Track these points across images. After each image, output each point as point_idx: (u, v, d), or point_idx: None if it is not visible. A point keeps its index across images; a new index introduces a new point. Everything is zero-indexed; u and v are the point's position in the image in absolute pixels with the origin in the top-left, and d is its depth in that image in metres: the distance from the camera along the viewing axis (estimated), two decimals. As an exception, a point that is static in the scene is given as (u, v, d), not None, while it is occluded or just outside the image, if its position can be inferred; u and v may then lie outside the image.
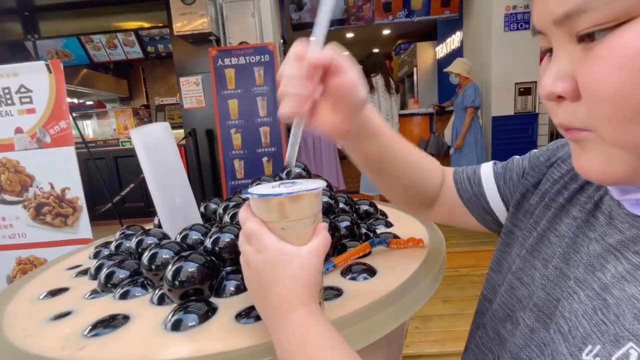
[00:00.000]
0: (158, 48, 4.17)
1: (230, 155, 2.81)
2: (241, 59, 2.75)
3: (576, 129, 0.24)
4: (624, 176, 0.23)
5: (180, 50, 3.05)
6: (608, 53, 0.20)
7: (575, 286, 0.27)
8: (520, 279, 0.34)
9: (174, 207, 0.67)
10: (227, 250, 0.48)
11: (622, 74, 0.20)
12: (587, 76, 0.22)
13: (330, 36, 0.31)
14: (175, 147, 0.71)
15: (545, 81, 0.25)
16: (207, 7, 2.73)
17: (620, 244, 0.25)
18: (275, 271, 0.30)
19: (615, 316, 0.22)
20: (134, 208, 3.36)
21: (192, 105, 3.10)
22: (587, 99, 0.22)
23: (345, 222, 0.59)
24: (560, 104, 0.25)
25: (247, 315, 0.39)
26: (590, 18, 0.20)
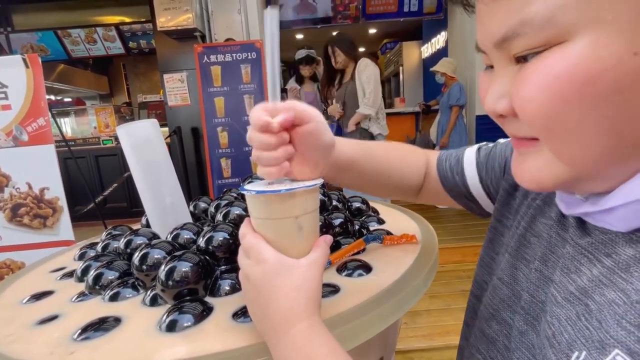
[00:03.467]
0: (140, 43, 4.05)
1: (216, 154, 2.77)
2: (227, 56, 2.71)
3: (525, 140, 0.25)
4: (560, 185, 0.25)
5: (164, 46, 2.98)
6: (533, 74, 0.22)
7: (554, 290, 0.26)
8: (501, 279, 0.34)
9: (164, 206, 0.66)
10: (221, 249, 0.48)
11: (546, 94, 0.21)
12: (516, 95, 0.23)
13: (316, 34, 0.32)
14: (164, 144, 0.69)
15: (488, 100, 0.26)
16: (192, 3, 2.67)
17: (591, 246, 0.25)
18: (276, 283, 0.30)
19: (598, 322, 0.21)
20: (117, 208, 3.26)
21: (177, 103, 3.03)
22: (521, 117, 0.24)
23: (339, 219, 0.59)
24: (505, 119, 0.26)
25: (243, 314, 0.38)
26: (523, 42, 0.22)
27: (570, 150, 0.23)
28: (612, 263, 0.23)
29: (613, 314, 0.21)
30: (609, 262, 0.23)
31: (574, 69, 0.20)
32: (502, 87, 0.25)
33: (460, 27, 3.47)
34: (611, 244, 0.24)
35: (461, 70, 3.25)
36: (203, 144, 2.83)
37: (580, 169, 0.23)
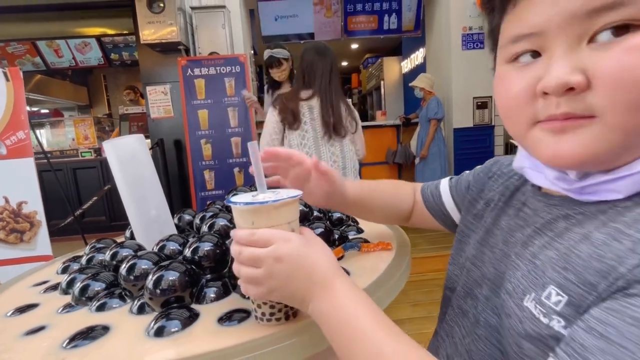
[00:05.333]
0: (122, 55, 4.02)
1: (200, 166, 2.76)
2: (211, 69, 2.74)
3: (578, 117, 0.27)
4: (602, 160, 0.28)
5: (147, 58, 2.98)
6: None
7: (515, 259, 0.35)
8: (474, 263, 0.43)
9: (149, 219, 0.67)
10: (207, 258, 0.50)
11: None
12: (617, 64, 0.25)
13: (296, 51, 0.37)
14: (150, 159, 0.72)
15: (558, 74, 0.27)
16: (176, 17, 2.70)
17: (542, 226, 0.34)
18: (311, 250, 0.35)
19: (542, 272, 0.30)
20: (95, 222, 3.17)
21: (160, 115, 3.02)
22: (609, 85, 0.25)
23: (319, 228, 0.63)
24: (563, 95, 0.27)
25: (229, 318, 0.41)
26: (621, 15, 0.24)
27: (635, 121, 0.25)
28: (552, 234, 0.32)
29: (550, 265, 0.30)
30: (550, 234, 0.33)
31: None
32: (572, 63, 0.26)
33: (437, 44, 3.65)
34: (550, 224, 0.33)
35: (438, 85, 3.41)
36: (186, 156, 2.82)
37: (630, 141, 0.27)
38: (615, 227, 0.27)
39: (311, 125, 1.62)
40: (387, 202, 0.60)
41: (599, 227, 0.28)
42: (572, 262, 0.28)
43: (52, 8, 3.31)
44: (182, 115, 2.76)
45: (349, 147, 1.67)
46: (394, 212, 0.61)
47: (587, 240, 0.28)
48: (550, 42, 0.27)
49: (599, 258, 0.26)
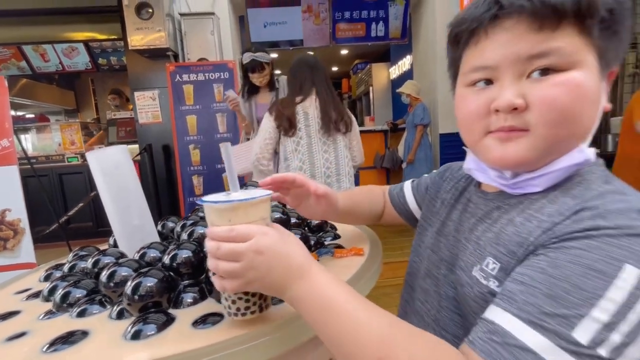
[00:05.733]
0: (110, 60, 4.01)
1: (188, 171, 2.77)
2: (200, 75, 2.76)
3: (517, 130, 0.37)
4: (531, 162, 0.38)
5: (136, 64, 2.99)
6: (564, 82, 0.34)
7: (465, 242, 0.45)
8: (433, 250, 0.52)
9: (132, 228, 0.69)
10: (185, 265, 0.53)
11: (568, 95, 0.34)
12: (545, 93, 0.35)
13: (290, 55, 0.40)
14: (133, 169, 0.74)
15: (507, 98, 0.36)
16: (165, 23, 2.71)
17: (483, 216, 0.44)
18: (287, 241, 0.37)
19: (483, 249, 0.40)
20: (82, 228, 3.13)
21: (148, 121, 3.02)
22: (540, 107, 0.35)
23: (296, 235, 0.66)
24: (509, 113, 0.36)
25: (203, 321, 0.44)
26: (548, 61, 0.34)
27: (561, 134, 0.35)
28: (490, 221, 0.42)
29: (489, 243, 0.40)
30: (489, 222, 0.42)
31: (586, 83, 0.34)
32: (515, 91, 0.36)
33: (424, 52, 3.74)
34: (488, 214, 0.43)
35: (425, 91, 3.48)
36: (174, 161, 2.82)
37: (554, 148, 0.36)
38: (529, 213, 0.37)
39: (306, 132, 1.64)
40: (367, 207, 0.70)
41: (519, 213, 0.39)
42: (502, 239, 0.38)
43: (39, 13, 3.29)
44: (171, 121, 2.77)
45: (344, 154, 1.68)
46: (371, 214, 0.71)
47: (511, 223, 0.38)
48: (501, 74, 0.37)
49: (518, 234, 0.36)
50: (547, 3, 0.33)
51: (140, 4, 2.64)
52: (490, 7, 0.36)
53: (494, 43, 0.36)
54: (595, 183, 0.36)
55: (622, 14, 0.34)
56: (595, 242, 0.29)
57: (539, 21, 0.34)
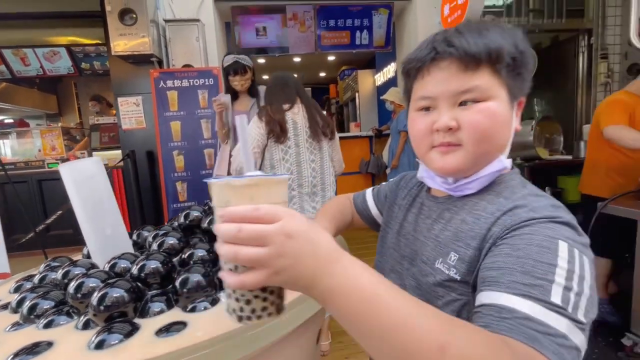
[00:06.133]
0: (94, 65, 3.95)
1: (172, 178, 2.75)
2: (184, 81, 2.76)
3: (453, 145, 0.47)
4: (464, 170, 0.48)
5: (119, 69, 2.96)
6: (482, 110, 0.45)
7: (424, 240, 0.52)
8: (394, 249, 0.59)
9: (104, 238, 0.71)
10: (153, 275, 0.54)
11: (489, 119, 0.45)
12: (470, 118, 0.45)
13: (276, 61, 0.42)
14: (107, 180, 0.75)
15: (444, 120, 0.46)
16: (149, 29, 2.71)
17: (437, 217, 0.52)
18: (315, 227, 0.33)
19: (445, 245, 0.48)
20: (62, 236, 3.07)
21: (132, 126, 2.99)
22: (467, 128, 0.45)
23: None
24: (447, 132, 0.47)
25: (167, 330, 0.46)
26: (473, 95, 0.45)
27: (484, 148, 0.46)
28: (444, 222, 0.50)
29: (449, 240, 0.47)
30: (443, 222, 0.51)
31: (499, 110, 0.45)
32: (451, 115, 0.46)
33: (407, 60, 3.82)
34: (441, 216, 0.51)
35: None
36: (158, 167, 2.80)
37: (481, 159, 0.47)
38: (476, 213, 0.47)
39: (294, 141, 1.64)
40: (343, 222, 0.76)
41: (468, 213, 0.48)
42: (459, 236, 0.47)
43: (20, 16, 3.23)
44: (155, 127, 2.76)
45: (328, 164, 1.72)
46: (346, 225, 0.78)
47: (464, 222, 0.47)
48: (439, 103, 0.48)
49: (472, 230, 0.45)
50: (469, 52, 0.44)
51: (124, 10, 2.64)
52: (430, 52, 0.47)
53: (434, 79, 0.47)
54: (517, 187, 0.48)
55: (523, 61, 0.46)
56: (536, 228, 0.39)
57: (464, 65, 0.45)
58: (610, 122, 1.89)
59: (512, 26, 0.48)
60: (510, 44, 0.45)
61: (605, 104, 2.00)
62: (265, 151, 1.63)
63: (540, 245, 0.37)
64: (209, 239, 0.70)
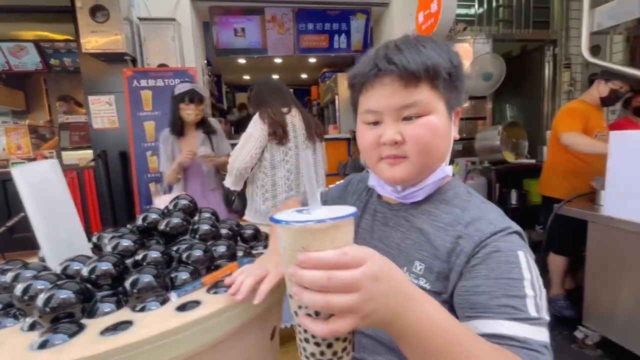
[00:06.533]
0: (64, 61, 3.81)
1: (145, 179, 2.71)
2: (159, 81, 2.72)
3: (399, 157, 0.50)
4: (411, 179, 0.52)
5: (90, 67, 2.88)
6: (424, 124, 0.48)
7: (385, 247, 0.55)
8: None
9: (58, 240, 0.71)
10: (104, 277, 0.56)
11: (430, 132, 0.48)
12: (413, 132, 0.49)
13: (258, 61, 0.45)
14: (63, 183, 0.75)
15: (389, 135, 0.49)
16: (122, 26, 2.65)
17: (394, 225, 0.55)
18: (391, 263, 0.33)
19: (408, 254, 0.51)
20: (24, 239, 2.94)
21: (103, 126, 2.92)
22: (412, 142, 0.49)
23: (222, 246, 0.70)
24: (393, 145, 0.50)
25: (113, 329, 0.47)
26: (415, 110, 0.48)
27: (427, 159, 0.50)
28: (404, 230, 0.54)
29: (412, 249, 0.51)
30: (403, 230, 0.54)
31: (439, 123, 0.49)
32: (396, 129, 0.49)
33: (384, 64, 3.90)
34: (397, 224, 0.55)
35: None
36: (131, 168, 2.75)
37: (425, 169, 0.51)
38: (433, 224, 0.51)
39: (294, 143, 1.69)
40: None
41: (424, 222, 0.52)
42: (423, 245, 0.50)
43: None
44: (128, 127, 2.70)
45: (321, 165, 1.83)
46: None
47: (423, 232, 0.51)
48: (384, 117, 0.50)
49: (434, 240, 0.49)
50: (408, 70, 0.47)
51: (95, 7, 2.57)
52: (373, 68, 0.49)
53: (377, 94, 0.50)
54: (464, 195, 0.53)
55: (458, 75, 0.50)
56: (500, 243, 0.44)
57: (405, 81, 0.48)
58: (566, 129, 2.02)
59: (445, 41, 0.52)
60: (445, 59, 0.48)
61: (562, 112, 2.13)
62: (264, 152, 1.66)
63: (507, 261, 0.43)
64: (165, 241, 0.71)
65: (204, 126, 1.84)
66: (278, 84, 1.78)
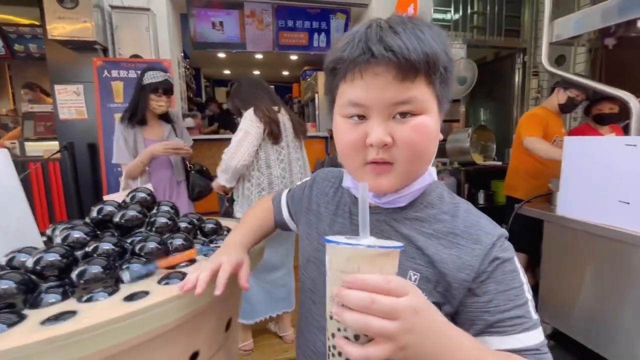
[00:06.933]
0: (29, 47, 3.62)
1: (115, 172, 2.62)
2: (131, 72, 2.64)
3: (386, 162, 0.44)
4: (397, 189, 0.47)
5: (57, 54, 2.76)
6: (418, 125, 0.42)
7: None
8: (316, 264, 0.56)
9: (7, 231, 0.69)
10: (50, 268, 0.55)
11: (422, 136, 0.43)
12: (406, 134, 0.42)
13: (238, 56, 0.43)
14: (13, 173, 0.73)
15: (378, 135, 0.42)
16: (92, 14, 2.56)
17: (376, 229, 0.50)
18: (428, 301, 0.34)
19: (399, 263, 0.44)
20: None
21: (71, 117, 2.81)
22: (403, 145, 0.42)
23: (178, 239, 0.71)
24: (382, 148, 0.43)
25: (55, 319, 0.47)
26: (409, 107, 0.42)
27: (416, 166, 0.45)
28: (388, 236, 0.48)
29: (403, 258, 0.41)
30: (387, 237, 0.49)
31: (432, 125, 0.43)
32: (385, 130, 0.42)
33: (363, 64, 3.96)
34: (380, 230, 0.49)
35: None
36: (100, 160, 2.66)
37: (412, 175, 0.46)
38: (422, 231, 0.47)
39: (285, 142, 1.72)
40: (265, 228, 0.73)
41: (411, 229, 0.48)
42: (413, 253, 0.47)
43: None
44: (97, 118, 2.61)
45: (306, 161, 1.89)
46: (270, 230, 0.74)
47: (413, 240, 0.47)
48: (372, 113, 0.43)
49: (427, 249, 0.46)
50: (409, 60, 0.39)
51: (63, -8, 2.46)
52: (364, 52, 0.40)
53: (366, 85, 0.41)
54: (447, 198, 0.50)
55: (451, 70, 0.44)
56: (500, 254, 0.44)
57: (403, 73, 0.40)
58: (528, 133, 2.13)
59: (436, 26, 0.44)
60: (442, 50, 0.42)
61: (525, 117, 2.25)
62: (258, 150, 1.66)
63: (511, 270, 0.44)
64: (121, 233, 0.71)
65: (167, 116, 1.77)
66: (263, 82, 1.79)
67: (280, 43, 3.67)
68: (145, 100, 1.66)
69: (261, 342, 1.95)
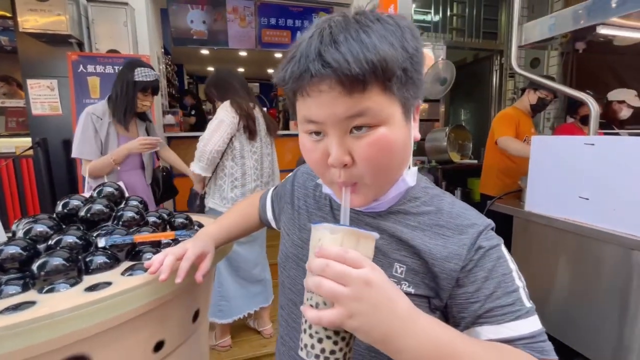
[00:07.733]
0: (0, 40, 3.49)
1: (91, 169, 2.57)
2: (108, 67, 2.59)
3: (349, 183, 0.42)
4: (370, 201, 0.45)
5: (29, 48, 2.67)
6: (376, 140, 0.39)
7: None
8: (297, 262, 0.54)
9: (-32, 226, 0.68)
10: (10, 260, 0.55)
11: (381, 152, 0.39)
12: (364, 152, 0.39)
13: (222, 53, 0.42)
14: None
15: (337, 156, 0.39)
16: (66, 7, 2.49)
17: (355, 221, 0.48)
18: (393, 285, 0.35)
19: (384, 255, 0.45)
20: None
21: (44, 112, 2.72)
22: (362, 163, 0.40)
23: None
24: (342, 168, 0.40)
25: (13, 309, 0.48)
26: (364, 119, 0.38)
27: (384, 178, 0.43)
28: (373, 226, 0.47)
29: (388, 250, 0.45)
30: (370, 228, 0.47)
31: (393, 137, 0.39)
32: (342, 148, 0.39)
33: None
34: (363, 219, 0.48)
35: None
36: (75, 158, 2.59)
37: (383, 187, 0.45)
38: (408, 224, 0.46)
39: (259, 136, 1.78)
40: (242, 226, 0.73)
41: (397, 222, 0.47)
42: (397, 245, 0.45)
43: None
44: (72, 114, 2.55)
45: (275, 157, 1.94)
46: (251, 227, 0.74)
47: (398, 232, 0.46)
48: (328, 130, 0.40)
49: (412, 240, 0.45)
50: (349, 74, 0.35)
51: (35, -17, 2.39)
52: (305, 71, 0.37)
53: (316, 102, 0.39)
54: (432, 191, 0.49)
55: (415, 67, 0.39)
56: (486, 242, 0.44)
57: (348, 88, 0.36)
58: (501, 133, 2.22)
59: (397, 17, 0.40)
60: (398, 48, 0.37)
61: (498, 117, 2.34)
62: (233, 140, 1.69)
63: (498, 257, 0.43)
64: (86, 227, 0.71)
65: (143, 113, 1.74)
66: (241, 77, 1.83)
67: (264, 41, 3.66)
68: (134, 97, 1.62)
69: (239, 338, 1.96)
